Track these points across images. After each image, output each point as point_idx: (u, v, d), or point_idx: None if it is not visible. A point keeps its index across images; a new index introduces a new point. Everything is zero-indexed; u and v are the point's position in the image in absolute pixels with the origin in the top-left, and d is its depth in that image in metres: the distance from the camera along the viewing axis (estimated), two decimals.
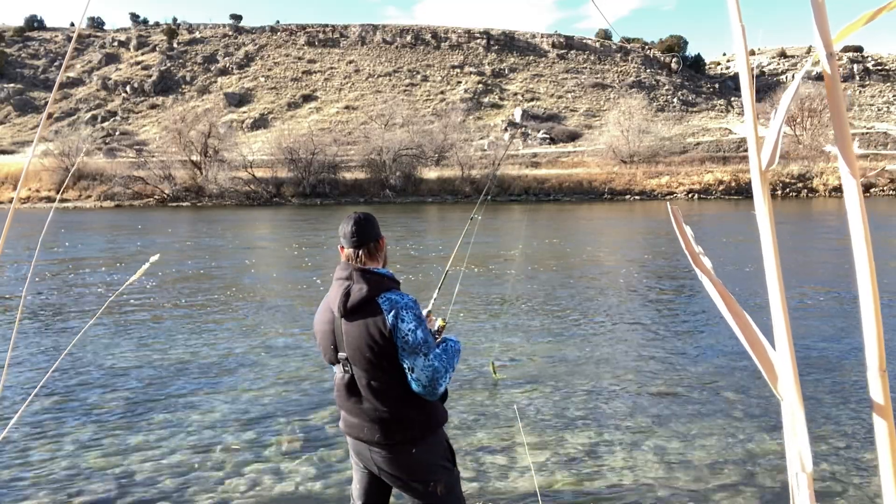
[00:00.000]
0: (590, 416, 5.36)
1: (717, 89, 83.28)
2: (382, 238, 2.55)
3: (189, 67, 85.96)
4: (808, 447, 0.51)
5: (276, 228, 27.14)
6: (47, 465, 4.53)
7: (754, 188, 0.57)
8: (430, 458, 2.43)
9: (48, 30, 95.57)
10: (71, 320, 9.39)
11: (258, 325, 8.96)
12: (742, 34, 0.57)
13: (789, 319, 0.53)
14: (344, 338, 2.38)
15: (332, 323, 2.43)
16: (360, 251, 2.45)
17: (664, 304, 10.15)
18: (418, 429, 2.40)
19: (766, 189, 0.56)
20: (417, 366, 2.29)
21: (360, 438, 2.44)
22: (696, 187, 47.55)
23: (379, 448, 2.41)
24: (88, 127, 69.52)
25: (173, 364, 6.99)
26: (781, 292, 0.53)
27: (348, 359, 2.38)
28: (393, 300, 2.37)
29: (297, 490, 4.17)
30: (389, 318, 2.31)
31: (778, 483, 4.16)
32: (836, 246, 17.24)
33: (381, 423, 2.38)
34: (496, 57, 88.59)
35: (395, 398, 2.37)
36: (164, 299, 10.81)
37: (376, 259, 2.49)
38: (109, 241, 21.50)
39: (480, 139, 61.70)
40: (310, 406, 5.66)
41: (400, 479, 2.45)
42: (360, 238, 2.46)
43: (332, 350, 2.44)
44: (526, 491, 4.07)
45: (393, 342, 2.30)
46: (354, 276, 2.41)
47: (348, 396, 2.43)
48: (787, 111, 0.58)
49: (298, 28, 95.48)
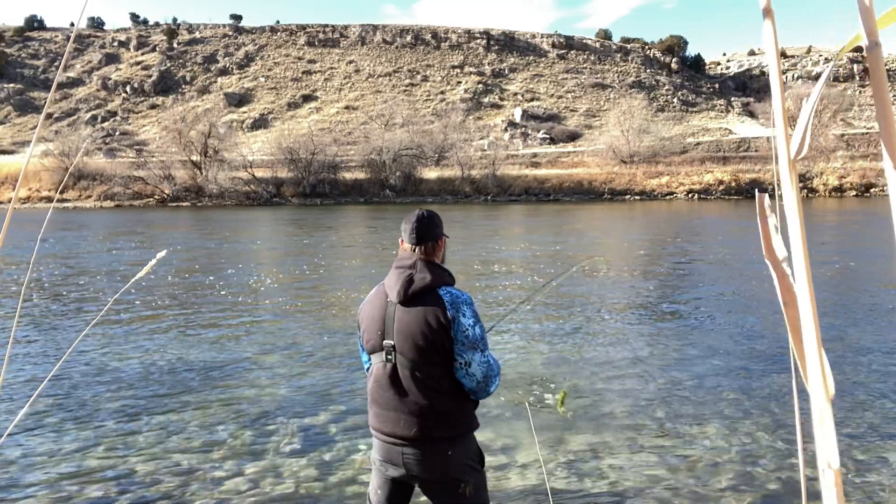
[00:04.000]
0: (590, 415, 5.35)
1: (717, 89, 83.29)
2: (443, 238, 2.56)
3: (189, 67, 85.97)
4: (834, 443, 0.50)
5: (276, 228, 27.13)
6: (47, 465, 4.53)
7: (782, 178, 0.57)
8: (463, 459, 2.38)
9: (48, 30, 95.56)
10: (71, 319, 9.39)
11: (258, 325, 8.96)
12: (771, 20, 0.57)
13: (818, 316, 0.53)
14: (395, 325, 2.37)
15: (383, 310, 2.42)
16: (419, 248, 2.48)
17: (665, 304, 10.14)
18: (457, 427, 2.36)
19: (795, 179, 0.56)
20: (475, 360, 2.30)
21: (394, 434, 2.37)
22: (696, 187, 47.58)
23: (413, 446, 2.35)
24: (88, 127, 69.59)
25: (173, 364, 6.99)
26: (810, 285, 0.53)
27: (394, 347, 2.36)
28: (454, 293, 2.39)
29: (297, 490, 4.17)
30: (450, 311, 2.32)
31: (778, 483, 4.16)
32: (835, 246, 17.24)
33: (421, 418, 2.33)
34: (496, 57, 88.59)
35: (439, 392, 2.34)
36: (164, 299, 10.81)
37: (434, 258, 2.52)
38: (109, 240, 21.49)
39: (480, 139, 61.71)
40: (310, 406, 5.66)
41: (430, 480, 2.39)
42: (419, 236, 2.49)
43: (378, 336, 2.41)
44: (534, 489, 4.07)
45: (449, 335, 2.30)
46: (418, 265, 2.42)
47: (388, 387, 2.38)
48: (817, 99, 0.57)
49: (298, 28, 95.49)
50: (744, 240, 19.21)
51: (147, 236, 23.31)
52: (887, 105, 0.52)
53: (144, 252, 17.49)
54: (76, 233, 24.23)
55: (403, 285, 2.38)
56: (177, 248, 18.11)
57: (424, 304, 2.34)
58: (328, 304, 10.46)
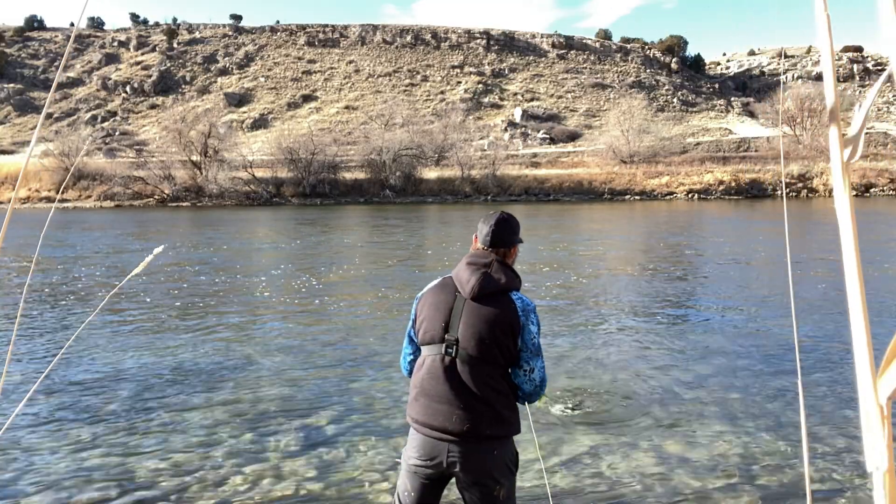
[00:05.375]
0: (590, 415, 5.35)
1: (717, 89, 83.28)
2: (516, 245, 2.57)
3: (189, 67, 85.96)
4: (882, 444, 0.49)
5: (276, 228, 27.13)
6: (47, 465, 4.52)
7: (835, 180, 0.56)
8: (504, 461, 2.39)
9: (48, 30, 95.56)
10: (72, 318, 9.39)
11: (258, 325, 8.96)
12: (825, 15, 0.56)
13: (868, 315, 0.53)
14: (463, 318, 2.37)
15: (450, 303, 2.42)
16: (499, 249, 2.50)
17: (665, 303, 10.14)
18: (507, 428, 2.38)
19: (848, 181, 0.55)
20: (537, 366, 2.40)
21: (444, 429, 2.34)
22: (696, 187, 47.56)
23: (461, 443, 2.33)
24: (88, 127, 69.58)
25: (173, 364, 6.98)
26: (861, 286, 0.53)
27: (457, 341, 2.36)
28: (524, 300, 2.43)
29: (298, 490, 4.17)
30: (521, 316, 2.37)
31: (780, 484, 4.16)
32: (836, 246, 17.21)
33: (475, 413, 2.33)
34: (496, 57, 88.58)
35: (496, 391, 2.36)
36: (164, 299, 10.80)
37: (509, 262, 2.54)
38: (109, 240, 21.49)
39: (480, 139, 61.70)
40: (310, 406, 5.65)
41: (471, 479, 2.37)
42: (495, 239, 2.50)
43: (441, 328, 2.40)
44: (534, 489, 4.06)
45: (515, 339, 2.36)
46: (494, 265, 2.43)
47: (444, 380, 2.37)
48: (870, 104, 0.56)
49: (298, 28, 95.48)
50: (744, 240, 19.22)
51: (147, 236, 23.31)
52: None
53: (145, 252, 17.46)
54: (76, 233, 24.22)
55: (479, 281, 2.38)
56: (176, 249, 18.11)
57: (497, 305, 2.36)
58: (328, 304, 10.46)
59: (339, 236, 22.83)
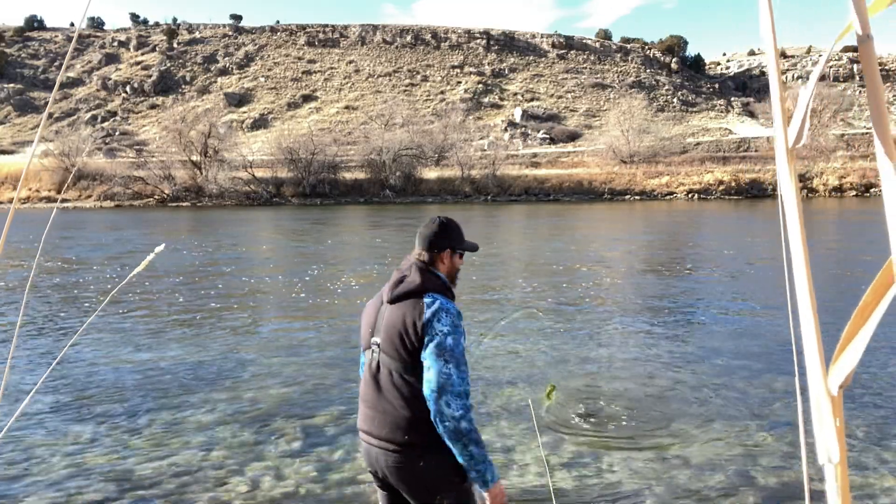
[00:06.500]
0: (592, 415, 5.36)
1: (717, 89, 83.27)
2: (446, 251, 2.50)
3: (189, 67, 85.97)
4: (834, 436, 0.49)
5: (276, 229, 27.13)
6: (47, 465, 4.52)
7: (779, 168, 0.54)
8: (438, 473, 2.28)
9: (48, 30, 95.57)
10: (72, 318, 9.39)
11: (258, 326, 8.96)
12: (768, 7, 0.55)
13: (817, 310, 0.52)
14: (382, 322, 2.38)
15: (377, 308, 2.46)
16: (423, 253, 2.50)
17: (665, 303, 10.14)
18: (430, 435, 2.23)
19: (794, 169, 0.54)
20: (434, 367, 2.21)
21: (370, 433, 2.36)
22: (696, 187, 47.56)
23: (385, 449, 2.31)
24: (88, 127, 69.57)
25: (173, 364, 6.98)
26: (808, 276, 0.52)
27: (379, 345, 2.37)
28: (440, 301, 2.34)
29: (298, 490, 4.17)
30: (427, 313, 2.28)
31: (780, 483, 4.16)
32: (837, 245, 17.24)
33: (393, 419, 2.29)
34: (496, 57, 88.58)
35: (414, 397, 2.27)
36: (164, 299, 10.81)
37: (435, 266, 2.49)
38: (110, 240, 21.50)
39: (480, 139, 61.71)
40: (310, 406, 5.65)
41: (404, 489, 2.33)
42: (419, 241, 2.51)
43: (368, 333, 2.45)
44: (536, 488, 4.07)
45: (422, 338, 2.26)
46: (413, 269, 2.43)
47: (371, 385, 2.38)
48: (814, 84, 0.55)
49: (298, 28, 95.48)
50: (744, 240, 19.23)
51: (147, 236, 23.31)
52: (880, 98, 0.50)
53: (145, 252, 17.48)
54: (77, 233, 24.22)
55: (393, 285, 2.41)
56: (176, 249, 18.11)
57: (408, 306, 2.34)
58: (328, 304, 10.46)
59: (339, 236, 22.83)
